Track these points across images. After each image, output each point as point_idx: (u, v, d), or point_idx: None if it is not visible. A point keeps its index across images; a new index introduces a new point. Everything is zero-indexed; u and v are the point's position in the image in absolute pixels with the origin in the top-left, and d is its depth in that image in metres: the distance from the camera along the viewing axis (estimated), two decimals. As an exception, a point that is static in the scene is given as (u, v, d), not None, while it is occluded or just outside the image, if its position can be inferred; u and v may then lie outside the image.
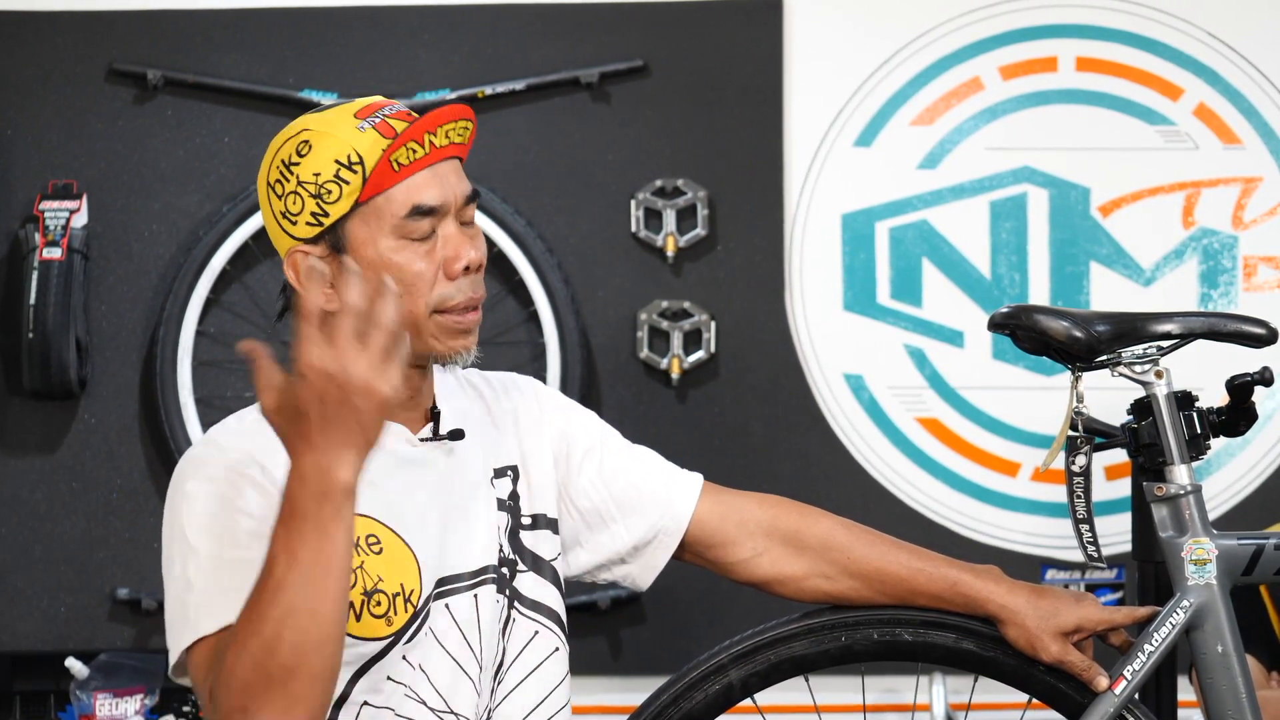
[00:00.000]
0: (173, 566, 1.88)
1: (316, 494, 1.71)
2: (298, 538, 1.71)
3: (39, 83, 3.99)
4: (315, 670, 1.73)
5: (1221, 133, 4.01)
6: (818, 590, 2.20)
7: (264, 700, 1.71)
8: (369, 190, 1.93)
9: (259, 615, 1.72)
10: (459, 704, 1.97)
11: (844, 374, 4.01)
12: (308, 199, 1.95)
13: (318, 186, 1.94)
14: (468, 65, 3.99)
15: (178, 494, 1.91)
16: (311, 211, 1.95)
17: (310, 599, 1.71)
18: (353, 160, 1.94)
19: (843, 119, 4.02)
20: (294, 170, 1.95)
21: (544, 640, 2.06)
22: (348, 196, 1.94)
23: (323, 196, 1.94)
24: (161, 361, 3.91)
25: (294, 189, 1.95)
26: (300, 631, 1.71)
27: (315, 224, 1.95)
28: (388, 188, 1.94)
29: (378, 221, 1.94)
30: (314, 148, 1.95)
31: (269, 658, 1.71)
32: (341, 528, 1.72)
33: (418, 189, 1.95)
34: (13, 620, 3.95)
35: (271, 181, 1.98)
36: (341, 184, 1.94)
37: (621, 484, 2.16)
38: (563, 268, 3.94)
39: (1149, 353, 2.20)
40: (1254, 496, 3.98)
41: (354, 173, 1.94)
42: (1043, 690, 2.18)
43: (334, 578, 1.72)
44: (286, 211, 1.96)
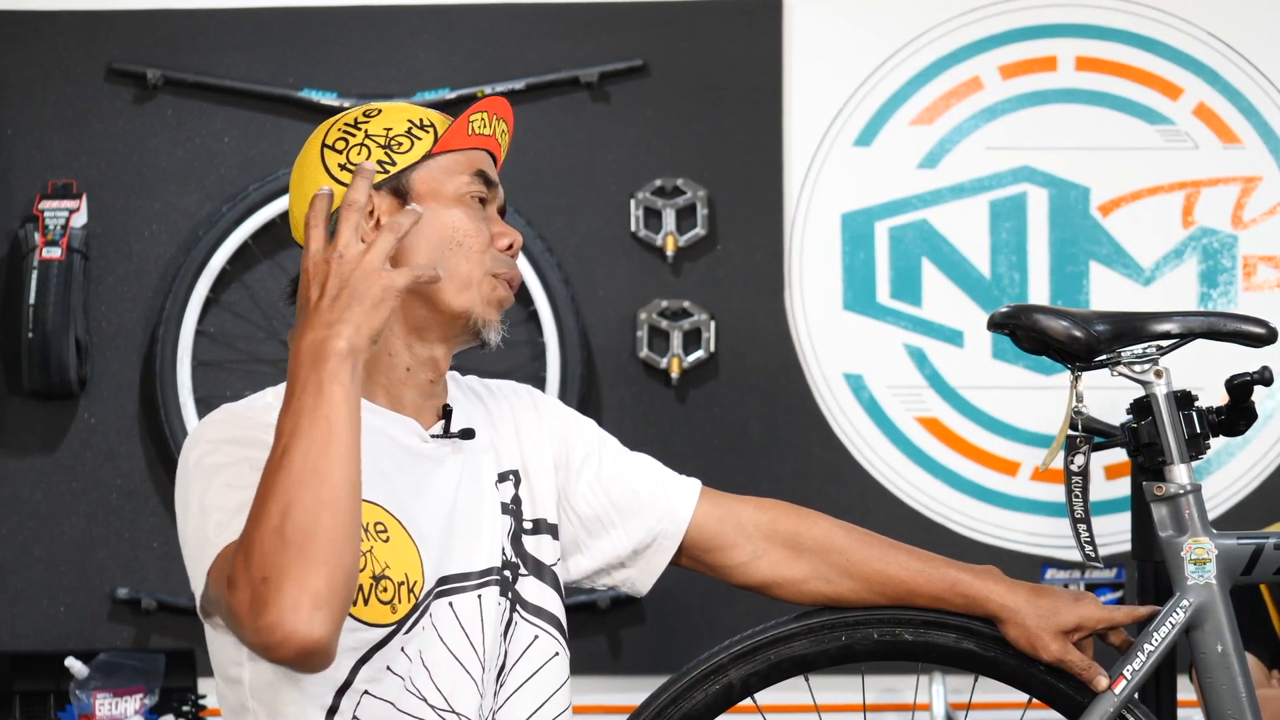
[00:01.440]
0: (189, 508, 1.88)
1: (311, 361, 1.76)
2: (297, 405, 1.75)
3: (39, 82, 3.99)
4: (330, 530, 1.73)
5: (1221, 132, 4.01)
6: (817, 593, 2.20)
7: (283, 566, 1.71)
8: (441, 145, 2.02)
9: (270, 484, 1.74)
10: (461, 704, 1.97)
11: (844, 373, 4.01)
12: (375, 149, 2.01)
13: (388, 139, 2.02)
14: (467, 65, 3.99)
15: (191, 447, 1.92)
16: (379, 160, 2.00)
17: (316, 458, 1.73)
18: (424, 123, 2.04)
19: (842, 118, 4.02)
20: (361, 127, 2.03)
21: (545, 645, 2.06)
22: (419, 148, 2.02)
23: (392, 147, 2.01)
24: (161, 361, 3.91)
25: (361, 141, 2.01)
26: (311, 490, 1.72)
27: (382, 171, 2.00)
28: (458, 149, 2.03)
29: (444, 176, 2.02)
30: (385, 112, 2.04)
31: (284, 522, 1.71)
32: (339, 389, 1.75)
33: (480, 159, 2.05)
34: (12, 620, 3.95)
35: (331, 141, 2.02)
36: (413, 139, 2.02)
37: (620, 489, 2.16)
38: (562, 267, 3.94)
39: (1148, 352, 2.20)
40: (1253, 496, 3.99)
41: (426, 131, 2.03)
42: (1043, 690, 2.18)
43: (337, 437, 1.75)
44: (347, 163, 2.01)
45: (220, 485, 1.86)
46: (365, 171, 1.81)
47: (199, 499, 1.87)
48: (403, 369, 2.02)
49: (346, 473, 1.75)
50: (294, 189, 2.05)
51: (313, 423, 1.74)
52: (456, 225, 2.00)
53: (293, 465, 1.73)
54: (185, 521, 1.89)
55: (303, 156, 2.05)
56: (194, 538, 1.86)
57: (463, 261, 2.00)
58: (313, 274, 1.78)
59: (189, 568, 1.88)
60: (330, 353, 1.75)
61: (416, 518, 1.96)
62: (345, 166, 2.00)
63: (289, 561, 1.71)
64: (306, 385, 1.75)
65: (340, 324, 1.76)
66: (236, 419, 1.93)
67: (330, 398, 1.75)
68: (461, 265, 2.00)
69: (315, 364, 1.75)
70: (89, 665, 3.84)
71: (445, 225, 2.00)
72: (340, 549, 1.74)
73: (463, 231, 2.00)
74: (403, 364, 2.02)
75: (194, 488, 1.88)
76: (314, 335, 1.76)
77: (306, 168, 2.03)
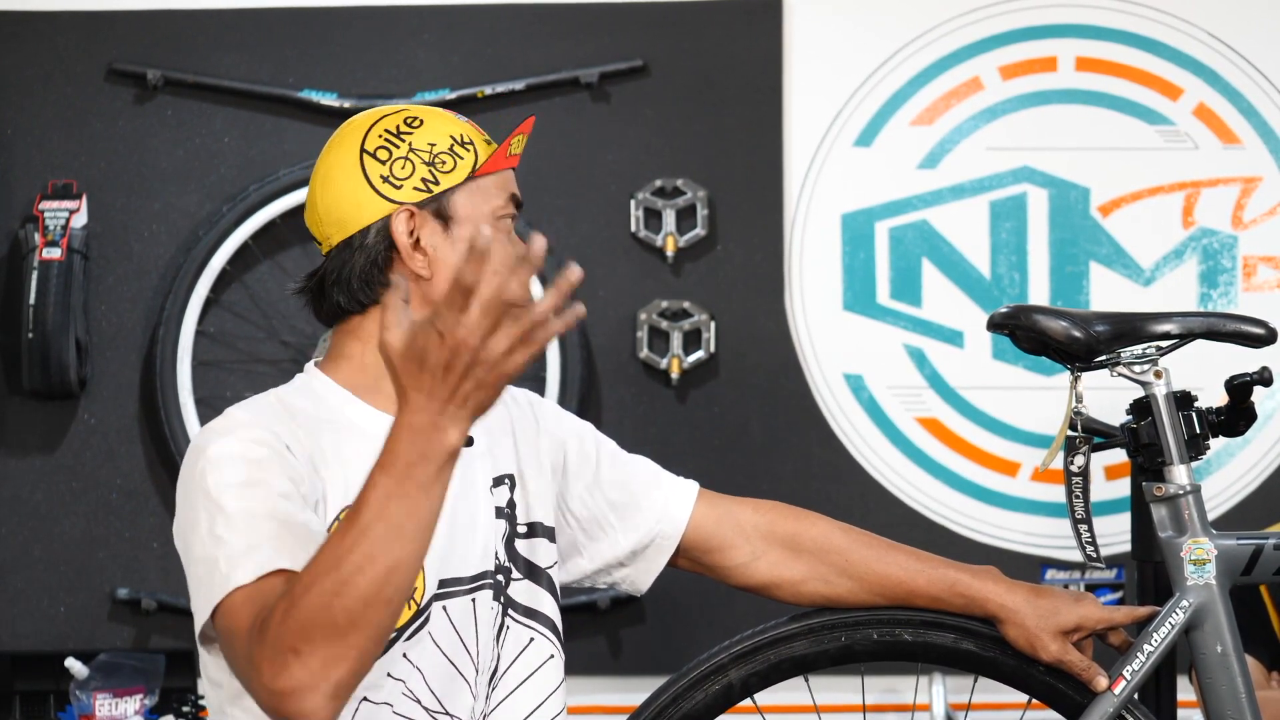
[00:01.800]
0: (197, 528, 1.85)
1: (423, 450, 1.68)
2: (392, 491, 1.69)
3: (39, 82, 3.99)
4: (374, 626, 1.70)
5: (1221, 132, 4.01)
6: (816, 593, 2.21)
7: (318, 645, 1.68)
8: (484, 169, 2.02)
9: (335, 558, 1.69)
10: (454, 706, 1.97)
11: (843, 374, 4.01)
12: (420, 165, 2.00)
13: (431, 155, 2.01)
14: (467, 65, 3.99)
15: (200, 459, 1.88)
16: (422, 177, 2.00)
17: (392, 553, 1.69)
18: (465, 140, 2.03)
19: (842, 119, 4.02)
20: (405, 138, 2.01)
21: (538, 647, 2.06)
22: (461, 169, 2.01)
23: (436, 165, 2.00)
24: (161, 361, 3.91)
25: (405, 154, 2.00)
26: (373, 583, 1.68)
27: (424, 189, 1.99)
28: (497, 170, 2.03)
29: (483, 199, 2.02)
30: (426, 123, 2.02)
31: (336, 600, 1.68)
32: (438, 489, 1.70)
33: (512, 181, 2.06)
34: (12, 620, 3.95)
35: (372, 148, 2.01)
36: (456, 158, 2.01)
37: (617, 492, 2.16)
38: (562, 267, 3.94)
39: (1148, 353, 2.20)
40: (1253, 496, 3.98)
41: (467, 150, 2.02)
42: (1042, 690, 2.18)
43: (419, 538, 1.70)
44: (391, 176, 1.99)
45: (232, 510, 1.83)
46: (534, 257, 1.68)
47: (208, 522, 1.84)
48: None
49: (410, 576, 1.71)
50: (321, 184, 2.02)
51: (404, 516, 1.69)
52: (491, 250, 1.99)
53: (366, 547, 1.68)
54: (192, 540, 1.86)
55: (336, 153, 2.02)
56: (202, 561, 1.84)
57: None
58: (448, 346, 1.66)
59: (192, 589, 1.86)
60: (443, 447, 1.69)
61: None
62: (389, 179, 1.99)
63: (325, 643, 1.68)
64: (410, 471, 1.68)
65: (459, 411, 1.68)
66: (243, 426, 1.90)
67: (429, 496, 1.70)
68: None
69: (424, 455, 1.68)
70: (89, 665, 3.84)
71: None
72: (375, 646, 1.72)
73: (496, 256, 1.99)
74: None
75: (202, 507, 1.86)
76: (431, 417, 1.68)
77: (341, 168, 2.01)
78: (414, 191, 1.99)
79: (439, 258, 1.99)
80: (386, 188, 1.99)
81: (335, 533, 1.71)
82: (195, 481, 1.88)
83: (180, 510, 1.91)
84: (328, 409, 1.99)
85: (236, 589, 1.79)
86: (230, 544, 1.81)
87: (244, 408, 1.96)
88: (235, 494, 1.84)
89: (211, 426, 1.93)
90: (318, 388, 2.01)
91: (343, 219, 2.00)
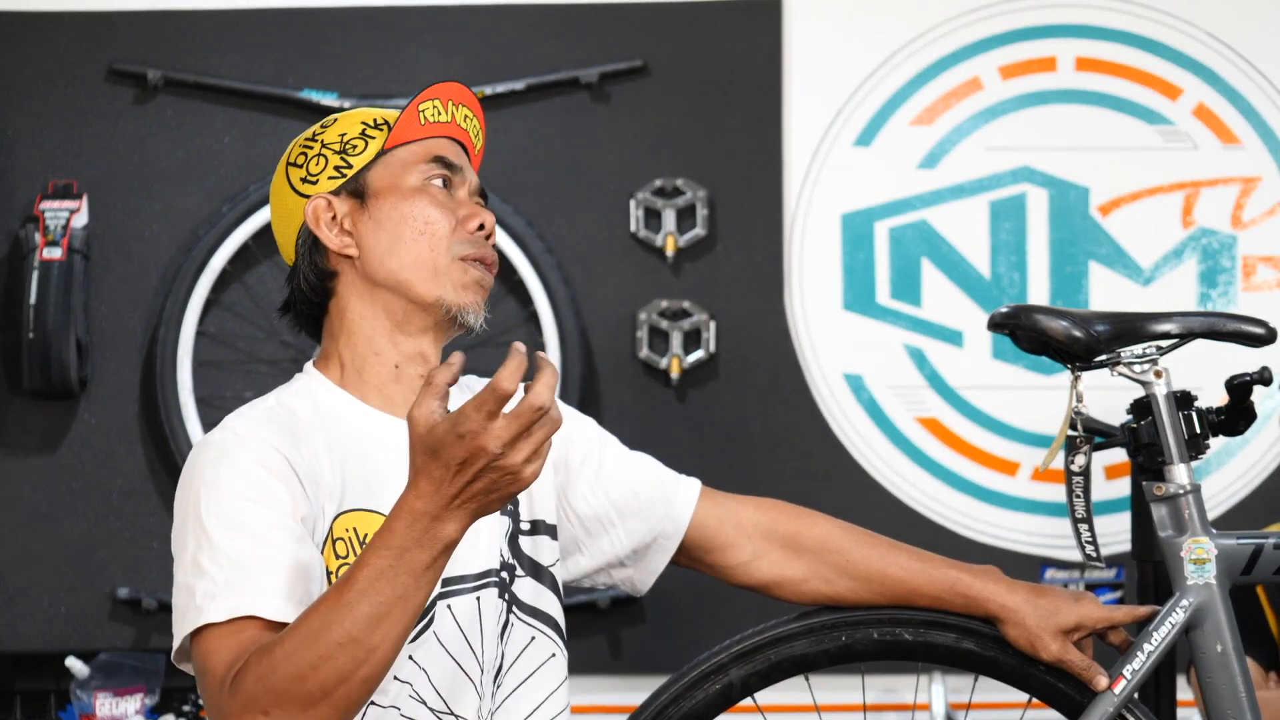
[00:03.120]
0: (184, 551, 1.86)
1: (420, 538, 1.70)
2: (384, 571, 1.70)
3: (39, 83, 3.99)
4: (346, 702, 1.73)
5: (1221, 132, 4.01)
6: (817, 592, 2.21)
7: (288, 711, 1.71)
8: (393, 139, 2.02)
9: (315, 631, 1.71)
10: (460, 706, 1.97)
11: (843, 374, 4.01)
12: (332, 156, 2.02)
13: (343, 144, 2.03)
14: (468, 65, 3.99)
15: (195, 477, 1.89)
16: (335, 165, 2.02)
17: (372, 635, 1.71)
18: (379, 123, 2.04)
19: (842, 119, 4.02)
20: (318, 139, 2.04)
21: (541, 645, 2.06)
22: (373, 148, 2.02)
23: (347, 151, 2.02)
24: (161, 361, 3.91)
25: (318, 152, 2.03)
26: (351, 662, 1.71)
27: (338, 176, 2.02)
28: (412, 140, 2.03)
29: (400, 170, 2.02)
30: (339, 120, 2.05)
31: (311, 674, 1.71)
32: (430, 577, 1.71)
33: (439, 146, 2.05)
34: (13, 620, 3.95)
35: (293, 158, 2.04)
36: (368, 139, 2.03)
37: (620, 489, 2.16)
38: (562, 267, 3.94)
39: (1148, 352, 2.20)
40: (1253, 496, 3.99)
41: (380, 130, 2.03)
42: (1042, 690, 2.18)
43: (402, 623, 1.72)
44: (307, 175, 2.03)
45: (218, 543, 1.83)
46: (516, 354, 1.66)
47: (194, 549, 1.85)
48: (391, 366, 2.02)
49: (389, 659, 1.73)
50: (272, 213, 2.08)
51: (390, 600, 1.70)
52: (417, 215, 2.00)
53: (347, 625, 1.70)
54: (178, 560, 1.88)
55: (274, 179, 2.08)
56: (182, 588, 1.85)
57: (426, 250, 2.00)
58: (467, 448, 1.65)
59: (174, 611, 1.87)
60: (442, 540, 1.70)
61: None
62: (307, 179, 2.02)
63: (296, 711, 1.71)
64: (402, 557, 1.70)
65: (464, 508, 1.69)
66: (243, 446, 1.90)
67: (421, 586, 1.71)
68: (426, 253, 2.00)
69: (420, 543, 1.69)
70: (89, 665, 3.85)
71: (406, 216, 2.00)
72: (345, 718, 1.73)
73: (423, 219, 2.00)
74: (390, 361, 2.02)
75: (191, 531, 1.87)
76: (434, 507, 1.69)
77: (275, 189, 2.07)
78: (328, 181, 2.02)
79: (362, 234, 2.01)
80: (306, 187, 2.03)
81: (322, 602, 1.72)
82: (190, 502, 1.88)
83: (175, 522, 1.92)
84: (323, 409, 1.99)
85: (208, 624, 1.80)
86: (210, 578, 1.82)
87: (244, 418, 1.96)
88: (224, 527, 1.84)
89: (211, 441, 1.93)
90: (314, 388, 2.02)
91: (285, 232, 2.07)
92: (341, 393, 2.01)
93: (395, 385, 2.02)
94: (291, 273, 2.07)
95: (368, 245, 2.01)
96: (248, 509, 1.85)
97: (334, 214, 2.01)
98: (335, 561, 1.91)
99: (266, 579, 1.81)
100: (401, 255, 2.00)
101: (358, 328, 2.02)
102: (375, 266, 2.01)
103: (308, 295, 2.05)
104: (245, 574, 1.81)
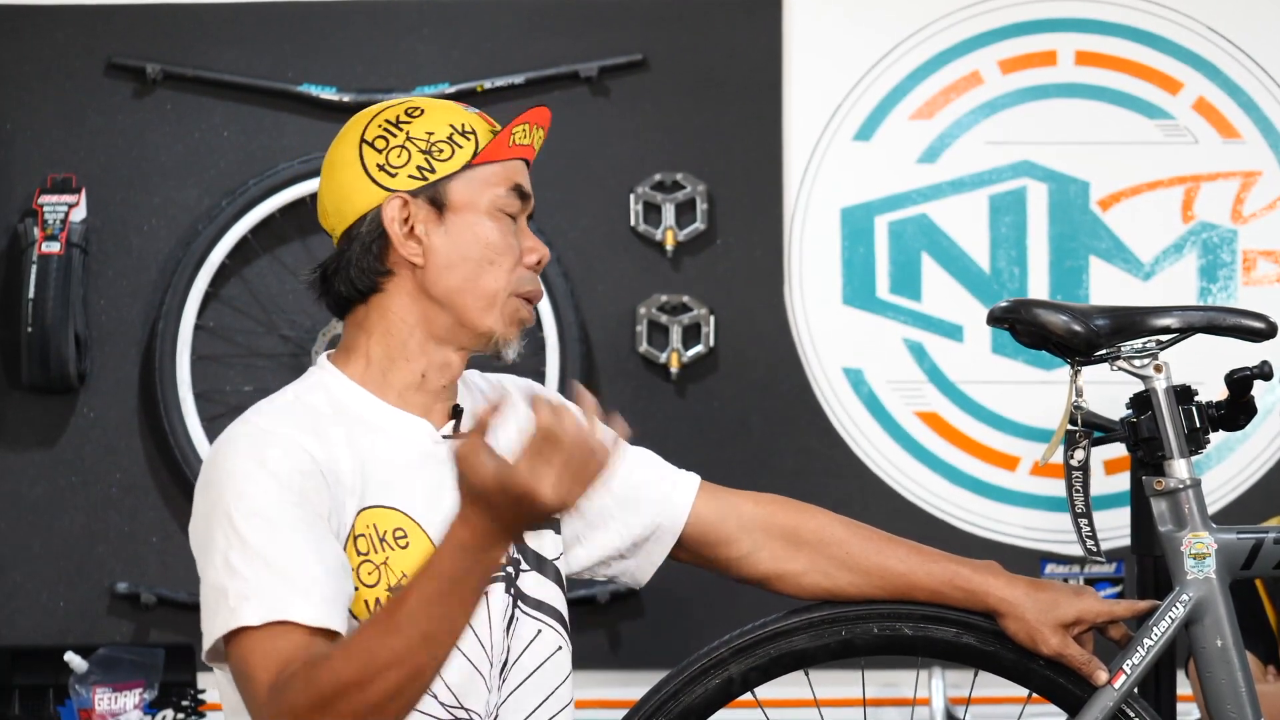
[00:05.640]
0: (214, 550, 1.86)
1: (470, 566, 1.72)
2: (433, 595, 1.72)
3: (38, 77, 3.99)
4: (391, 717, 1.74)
5: (1221, 127, 4.01)
6: (817, 586, 2.20)
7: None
8: (482, 157, 2.00)
9: (366, 650, 1.72)
10: (470, 700, 1.97)
11: (843, 368, 4.01)
12: (416, 153, 1.99)
13: (429, 144, 2.00)
14: (467, 59, 3.99)
15: (220, 473, 1.88)
16: (418, 165, 1.99)
17: (421, 657, 1.72)
18: (466, 129, 2.01)
19: (842, 113, 4.01)
20: (403, 127, 2.00)
21: (547, 639, 2.06)
22: (459, 158, 2.00)
23: (433, 153, 1.99)
24: (160, 356, 3.90)
25: (401, 143, 1.99)
26: (397, 683, 1.72)
27: (419, 177, 1.99)
28: (498, 160, 2.01)
29: (481, 188, 2.00)
30: (426, 113, 2.01)
31: (359, 693, 1.72)
32: (475, 603, 1.74)
33: (519, 172, 2.04)
34: (12, 614, 3.95)
35: (371, 138, 2.00)
36: (455, 146, 2.00)
37: (619, 482, 2.16)
38: (562, 262, 3.94)
39: (1148, 347, 2.20)
40: (1253, 490, 3.99)
41: (467, 139, 2.00)
42: (1042, 684, 2.18)
43: (449, 645, 1.74)
44: (387, 164, 1.99)
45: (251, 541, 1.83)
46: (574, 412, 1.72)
47: (224, 548, 1.84)
48: (419, 374, 2.01)
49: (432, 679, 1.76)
50: (326, 177, 2.04)
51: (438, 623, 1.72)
52: (489, 241, 2.00)
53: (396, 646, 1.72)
54: (206, 560, 1.87)
55: (339, 146, 2.03)
56: (213, 588, 1.85)
57: (491, 280, 1.99)
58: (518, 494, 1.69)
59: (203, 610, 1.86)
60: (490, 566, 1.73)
61: (434, 520, 1.96)
62: (385, 167, 1.99)
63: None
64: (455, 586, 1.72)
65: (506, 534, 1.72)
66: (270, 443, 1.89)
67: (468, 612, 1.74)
68: (490, 283, 1.99)
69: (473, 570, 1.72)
70: (88, 660, 3.84)
71: (479, 239, 1.99)
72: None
73: (494, 249, 2.00)
74: (419, 369, 2.01)
75: (220, 529, 1.85)
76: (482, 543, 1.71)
77: (342, 162, 2.02)
78: (408, 179, 1.99)
79: (432, 245, 1.99)
80: (382, 176, 1.99)
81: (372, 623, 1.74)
82: (217, 498, 1.87)
83: (198, 518, 1.91)
84: (341, 405, 1.99)
85: (243, 628, 1.80)
86: (243, 578, 1.82)
87: (267, 414, 1.95)
88: (256, 525, 1.84)
89: (236, 434, 1.92)
90: (330, 383, 2.01)
91: (342, 209, 2.02)
92: (359, 389, 2.00)
93: (416, 393, 2.02)
94: (340, 254, 2.02)
95: (435, 258, 1.99)
96: (279, 508, 1.85)
97: (407, 216, 1.99)
98: (357, 558, 1.91)
99: (302, 581, 1.81)
100: (465, 278, 1.99)
101: (396, 330, 2.01)
102: (435, 281, 1.99)
103: (353, 283, 2.01)
104: (281, 576, 1.81)
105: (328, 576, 1.83)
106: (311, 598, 1.81)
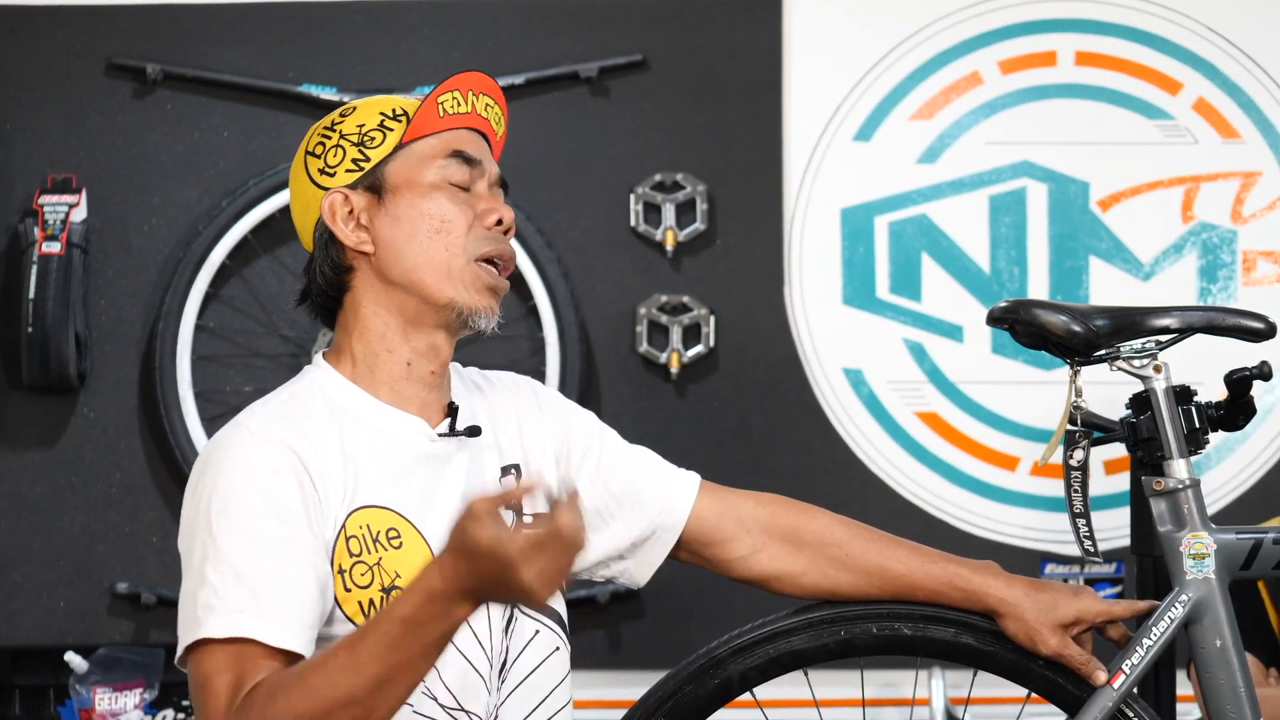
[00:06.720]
0: (192, 556, 1.87)
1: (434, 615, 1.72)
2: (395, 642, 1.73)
3: (38, 77, 3.99)
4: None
5: (1221, 127, 4.01)
6: (816, 586, 2.20)
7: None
8: (412, 133, 2.00)
9: (324, 685, 1.73)
10: (470, 701, 1.97)
11: (843, 368, 4.01)
12: (350, 149, 2.00)
13: (360, 135, 2.00)
14: (467, 59, 3.99)
15: (207, 479, 1.89)
16: (353, 159, 2.00)
17: (375, 697, 1.73)
18: (397, 113, 2.01)
19: (842, 113, 4.02)
20: (336, 128, 2.02)
21: (545, 640, 2.06)
22: (390, 140, 2.00)
23: (365, 144, 2.00)
24: (161, 356, 3.91)
25: (336, 143, 2.00)
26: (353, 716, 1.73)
27: (355, 169, 2.00)
28: (430, 133, 2.00)
29: (419, 164, 2.00)
30: (359, 109, 2.02)
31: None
32: (436, 653, 1.75)
33: (459, 139, 2.02)
34: (12, 614, 3.95)
35: (311, 147, 2.03)
36: (385, 131, 2.00)
37: (620, 482, 2.16)
38: (562, 262, 3.94)
39: (1148, 347, 2.20)
40: (1252, 491, 3.99)
41: (398, 122, 2.01)
42: (1041, 684, 2.18)
43: (404, 689, 1.75)
44: (325, 167, 2.01)
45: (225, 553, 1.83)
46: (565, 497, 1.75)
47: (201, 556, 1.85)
48: (404, 364, 2.02)
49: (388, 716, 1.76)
50: (291, 198, 2.07)
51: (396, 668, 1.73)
52: (433, 212, 1.99)
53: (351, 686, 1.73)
54: (187, 564, 1.88)
55: (294, 165, 2.06)
56: (186, 594, 1.86)
57: (441, 249, 1.99)
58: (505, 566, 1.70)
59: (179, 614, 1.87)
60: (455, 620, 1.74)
61: (428, 520, 1.96)
62: (325, 170, 2.01)
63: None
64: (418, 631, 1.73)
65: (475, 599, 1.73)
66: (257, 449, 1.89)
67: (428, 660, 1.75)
68: (441, 253, 1.99)
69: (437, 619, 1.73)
70: (88, 660, 3.85)
71: (423, 214, 1.99)
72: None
73: (440, 218, 1.99)
74: (403, 358, 2.02)
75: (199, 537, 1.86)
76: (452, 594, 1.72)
77: (295, 178, 2.05)
78: (346, 174, 2.01)
79: (379, 231, 2.00)
80: (324, 178, 2.01)
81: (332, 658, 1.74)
82: (200, 505, 1.88)
83: (183, 523, 1.91)
84: (335, 403, 1.99)
85: (205, 639, 1.81)
86: (211, 588, 1.82)
87: (259, 416, 1.95)
88: (232, 537, 1.84)
89: (224, 440, 1.92)
90: (324, 381, 2.02)
91: (303, 221, 2.05)
92: (353, 387, 2.01)
93: (406, 382, 2.02)
94: (309, 264, 2.05)
95: (384, 243, 1.99)
96: (259, 521, 1.85)
97: (350, 209, 2.00)
98: (349, 559, 1.91)
99: (271, 601, 1.81)
100: (416, 254, 1.99)
101: (371, 324, 2.02)
102: (390, 264, 2.00)
103: (324, 288, 2.03)
104: (250, 592, 1.81)
105: (299, 596, 1.83)
106: (278, 618, 1.81)
